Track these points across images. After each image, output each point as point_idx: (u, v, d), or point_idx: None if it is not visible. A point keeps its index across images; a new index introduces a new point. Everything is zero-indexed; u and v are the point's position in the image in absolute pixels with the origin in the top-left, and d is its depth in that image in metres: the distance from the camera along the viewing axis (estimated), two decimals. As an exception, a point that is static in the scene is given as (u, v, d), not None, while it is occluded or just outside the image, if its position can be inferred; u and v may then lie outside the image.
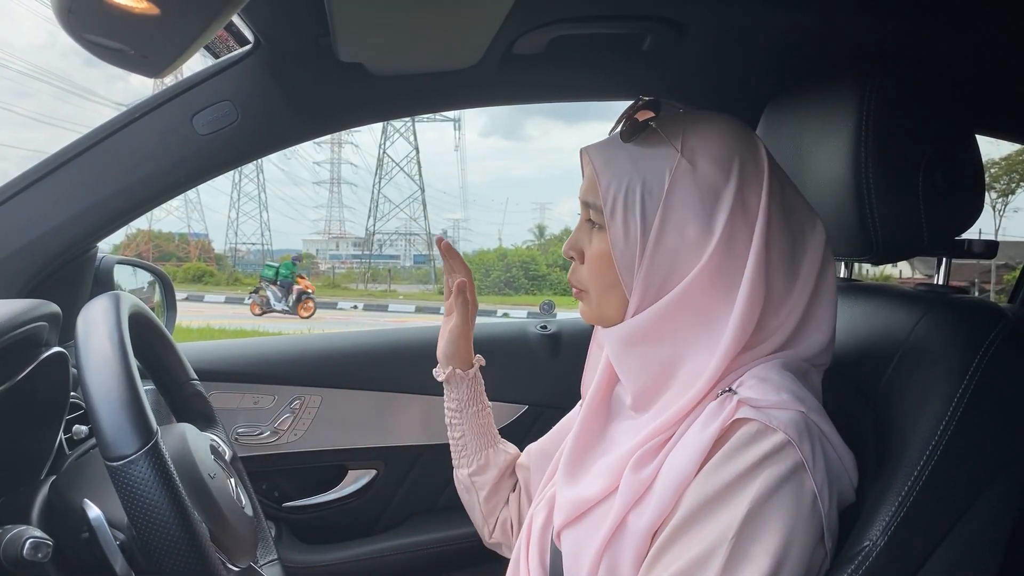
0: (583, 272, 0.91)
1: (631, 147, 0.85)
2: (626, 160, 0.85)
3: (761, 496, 0.72)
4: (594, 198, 0.86)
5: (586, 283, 0.91)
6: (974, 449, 0.82)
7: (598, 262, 0.88)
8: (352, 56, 1.17)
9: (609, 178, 0.84)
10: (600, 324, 0.92)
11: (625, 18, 1.22)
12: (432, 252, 44.19)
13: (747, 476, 0.73)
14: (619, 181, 0.84)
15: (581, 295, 0.93)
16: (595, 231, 0.89)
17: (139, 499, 0.68)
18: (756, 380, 0.79)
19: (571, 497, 0.88)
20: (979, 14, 1.19)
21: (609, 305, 0.89)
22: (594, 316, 0.92)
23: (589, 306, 0.92)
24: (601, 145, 0.88)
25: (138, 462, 0.68)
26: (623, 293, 0.86)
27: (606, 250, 0.86)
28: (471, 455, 1.17)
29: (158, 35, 0.75)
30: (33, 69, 74.40)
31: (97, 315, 0.79)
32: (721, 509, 0.73)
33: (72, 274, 1.28)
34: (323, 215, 53.62)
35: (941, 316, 0.90)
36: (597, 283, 0.89)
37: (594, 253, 0.89)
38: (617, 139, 0.87)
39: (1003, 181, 27.28)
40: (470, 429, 1.17)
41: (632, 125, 0.86)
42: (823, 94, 1.02)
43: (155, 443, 0.70)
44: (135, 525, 0.69)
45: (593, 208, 0.87)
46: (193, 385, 1.06)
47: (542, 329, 1.71)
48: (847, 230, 0.97)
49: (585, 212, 0.90)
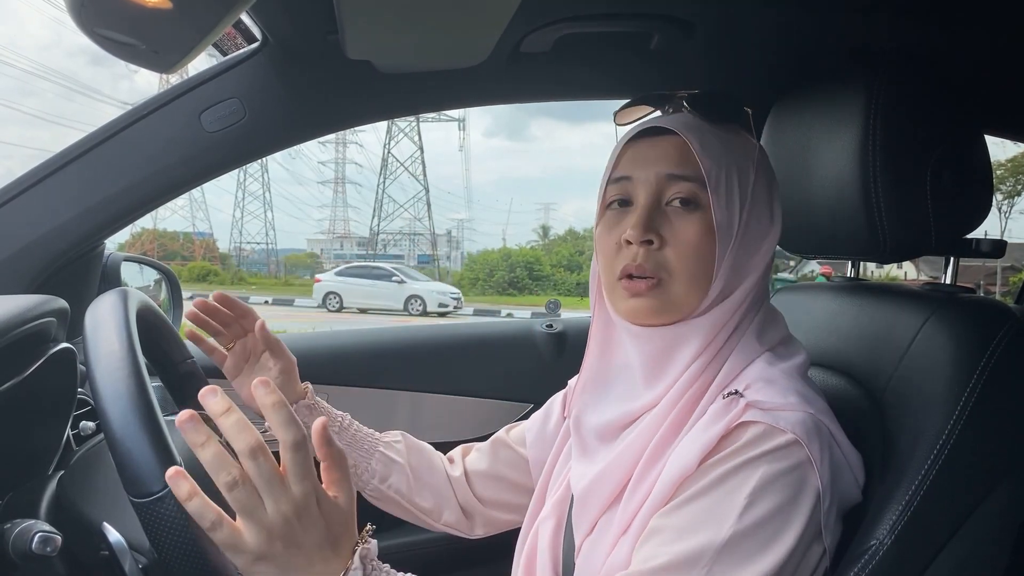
0: (667, 257, 0.83)
1: (718, 131, 0.85)
2: (718, 143, 0.84)
3: (760, 489, 0.72)
4: (689, 172, 0.82)
5: (673, 268, 0.83)
6: (982, 448, 0.82)
7: (695, 245, 0.82)
8: (360, 54, 1.17)
9: (710, 157, 0.82)
10: (669, 316, 0.84)
11: (633, 16, 1.22)
12: (437, 252, 44.24)
13: (746, 467, 0.73)
14: (718, 162, 0.82)
15: (654, 285, 0.83)
16: (683, 212, 0.83)
17: (166, 535, 0.66)
18: (763, 383, 0.79)
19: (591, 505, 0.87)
20: (987, 15, 1.19)
21: (693, 292, 0.83)
22: (669, 306, 0.84)
23: (666, 295, 0.83)
24: (686, 123, 0.84)
25: (164, 500, 0.66)
26: (709, 279, 0.83)
27: (704, 232, 0.82)
28: (362, 473, 1.10)
29: (169, 30, 0.75)
30: (39, 68, 74.67)
31: (105, 311, 0.79)
32: (718, 497, 0.73)
33: (80, 271, 1.28)
34: (327, 215, 53.77)
35: (949, 315, 0.89)
36: (691, 267, 0.82)
37: (689, 236, 0.82)
38: (699, 121, 0.85)
39: (1009, 183, 27.20)
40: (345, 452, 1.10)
41: (724, 108, 0.86)
42: (831, 93, 1.02)
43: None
44: (160, 555, 0.68)
45: (684, 182, 0.83)
46: (188, 364, 1.06)
47: (548, 328, 1.71)
48: (854, 229, 0.97)
49: (657, 190, 0.84)
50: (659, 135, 0.85)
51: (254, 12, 1.13)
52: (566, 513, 0.94)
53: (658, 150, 0.85)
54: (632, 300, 0.84)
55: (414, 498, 1.10)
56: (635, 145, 0.87)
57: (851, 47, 1.26)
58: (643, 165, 0.85)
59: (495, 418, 1.61)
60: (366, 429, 1.13)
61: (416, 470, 1.11)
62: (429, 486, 1.11)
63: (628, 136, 0.88)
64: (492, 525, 1.15)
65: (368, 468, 1.09)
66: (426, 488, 1.11)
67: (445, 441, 1.60)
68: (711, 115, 0.85)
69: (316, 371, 1.57)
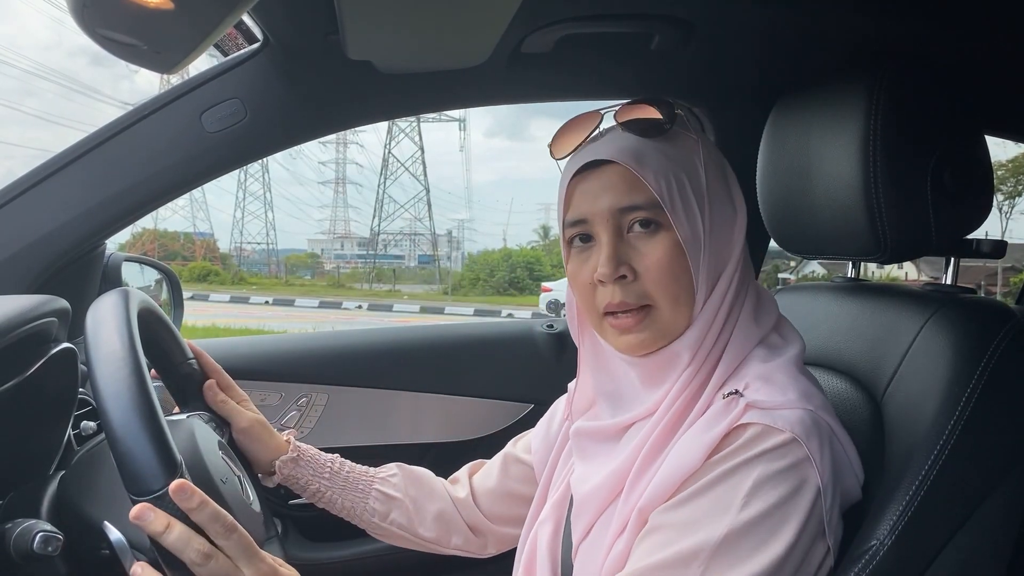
0: (645, 286, 0.82)
1: (656, 143, 0.83)
2: (658, 156, 0.82)
3: (756, 484, 0.72)
4: (640, 200, 0.81)
5: (653, 295, 0.82)
6: (983, 448, 0.82)
7: (668, 266, 0.81)
8: (361, 54, 1.17)
9: (654, 175, 0.81)
10: (663, 340, 0.83)
11: (633, 17, 1.22)
12: (437, 252, 44.23)
13: (745, 466, 0.73)
14: (666, 178, 0.81)
15: (642, 318, 0.82)
16: (646, 236, 0.82)
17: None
18: (761, 382, 0.79)
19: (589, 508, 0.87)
20: (988, 15, 1.19)
21: (680, 311, 0.82)
22: (661, 333, 0.83)
23: (655, 323, 0.82)
24: (621, 148, 0.83)
25: (165, 498, 0.67)
26: (691, 293, 0.82)
27: (672, 250, 0.81)
28: (361, 514, 1.09)
29: (171, 30, 0.75)
30: (39, 68, 74.69)
31: (106, 311, 0.79)
32: (716, 495, 0.73)
33: (81, 271, 1.28)
34: (328, 215, 53.75)
35: (950, 315, 0.89)
36: (671, 289, 0.81)
37: (659, 259, 0.81)
38: (635, 139, 0.83)
39: (1010, 183, 27.17)
40: (341, 496, 1.08)
41: (654, 123, 0.84)
42: (831, 93, 1.02)
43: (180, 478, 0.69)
44: (161, 554, 0.68)
45: (639, 210, 0.81)
46: (190, 364, 1.06)
47: (548, 328, 1.71)
48: (855, 230, 0.97)
49: (615, 224, 0.83)
50: (601, 164, 0.83)
51: (255, 12, 1.13)
52: (565, 514, 0.94)
53: (603, 182, 0.83)
54: (624, 337, 0.84)
55: (417, 530, 1.10)
56: (581, 181, 0.85)
57: (851, 47, 1.26)
58: (593, 201, 0.84)
59: (495, 418, 1.62)
60: (359, 468, 1.12)
61: (416, 501, 1.10)
62: (432, 514, 1.10)
63: (570, 173, 0.86)
64: (504, 542, 1.14)
65: (367, 508, 1.09)
66: (429, 517, 1.10)
67: (445, 441, 1.60)
68: (644, 130, 0.84)
69: (317, 371, 1.58)
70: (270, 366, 1.56)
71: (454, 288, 32.64)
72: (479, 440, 1.60)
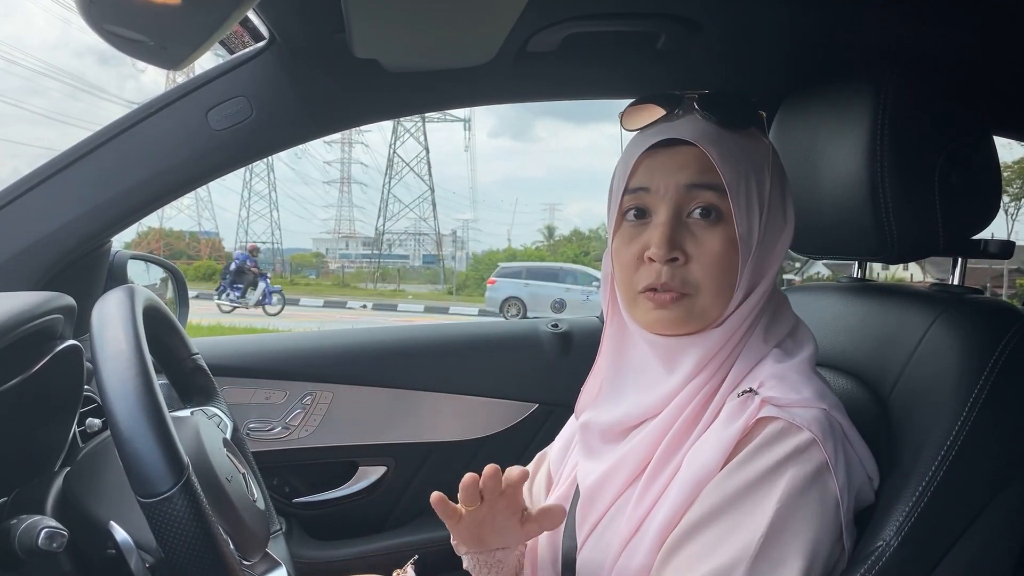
0: (693, 272, 0.82)
1: (735, 137, 0.83)
2: (736, 150, 0.82)
3: (788, 496, 0.72)
4: (711, 181, 0.81)
5: (699, 282, 0.82)
6: (990, 449, 0.82)
7: (720, 258, 0.81)
8: (367, 52, 1.17)
9: (730, 167, 0.81)
10: (693, 326, 0.83)
11: (640, 16, 1.22)
12: (442, 252, 44.25)
13: (773, 474, 0.73)
14: (737, 171, 0.81)
15: (680, 299, 0.82)
16: (705, 225, 0.82)
17: (174, 534, 0.67)
18: (775, 380, 0.79)
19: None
20: (997, 15, 1.18)
21: (718, 304, 0.83)
22: (694, 317, 0.83)
23: (692, 307, 0.82)
24: (703, 131, 0.82)
25: (172, 500, 0.67)
26: (732, 289, 0.83)
27: (727, 244, 0.81)
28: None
29: (178, 26, 0.75)
30: (45, 67, 74.85)
31: (112, 309, 0.79)
32: (747, 508, 0.73)
33: (86, 269, 1.29)
34: (333, 214, 53.72)
35: (957, 316, 0.89)
36: (717, 280, 0.82)
37: (715, 249, 0.81)
38: (714, 128, 0.83)
39: (1016, 185, 27.09)
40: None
41: (739, 116, 0.84)
42: (838, 93, 1.02)
43: (187, 479, 0.69)
44: (167, 554, 0.68)
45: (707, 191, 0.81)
46: (194, 360, 1.06)
47: (553, 328, 1.71)
48: (862, 230, 0.97)
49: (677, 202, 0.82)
50: (676, 144, 0.83)
51: (261, 10, 1.13)
52: (568, 509, 0.94)
53: (677, 160, 0.83)
54: (657, 312, 0.83)
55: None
56: (652, 155, 0.85)
57: (859, 47, 1.25)
58: (662, 175, 0.83)
59: (500, 417, 1.61)
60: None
61: None
62: None
63: (643, 147, 0.85)
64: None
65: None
66: None
67: (449, 440, 1.60)
68: (727, 121, 0.83)
69: (322, 369, 1.58)
70: (275, 364, 1.56)
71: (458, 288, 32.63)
72: (483, 439, 1.60)
